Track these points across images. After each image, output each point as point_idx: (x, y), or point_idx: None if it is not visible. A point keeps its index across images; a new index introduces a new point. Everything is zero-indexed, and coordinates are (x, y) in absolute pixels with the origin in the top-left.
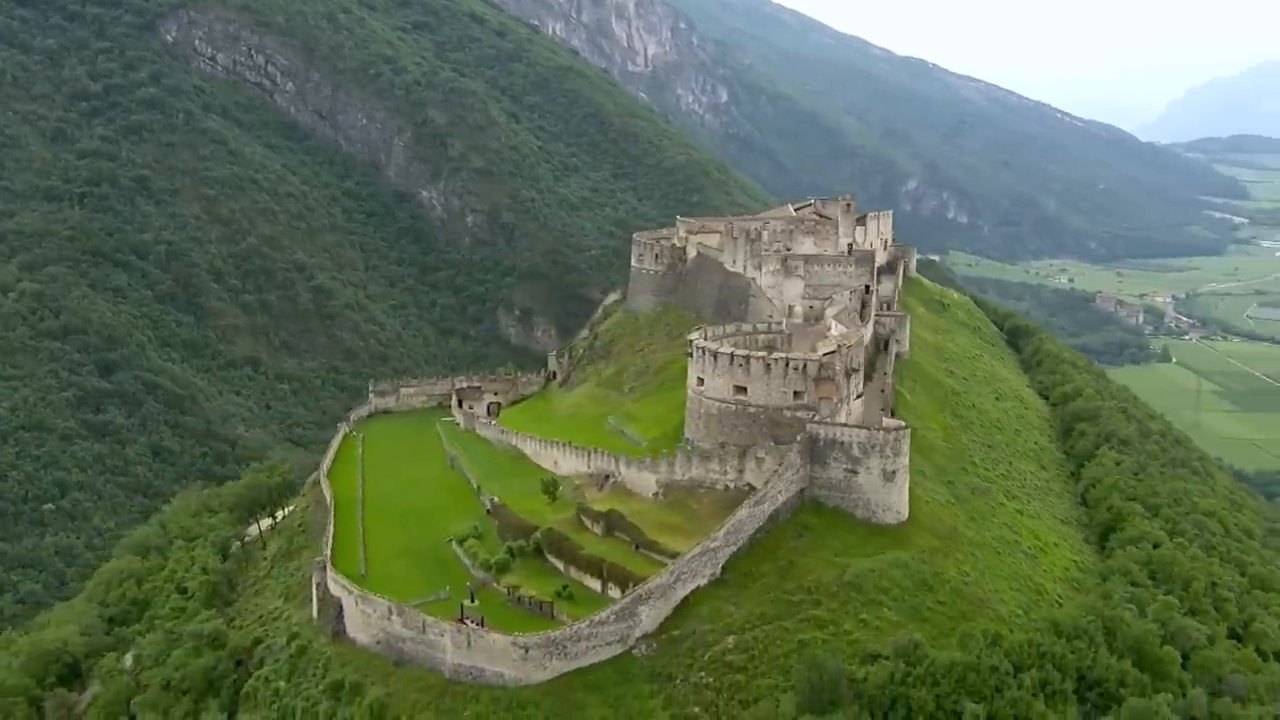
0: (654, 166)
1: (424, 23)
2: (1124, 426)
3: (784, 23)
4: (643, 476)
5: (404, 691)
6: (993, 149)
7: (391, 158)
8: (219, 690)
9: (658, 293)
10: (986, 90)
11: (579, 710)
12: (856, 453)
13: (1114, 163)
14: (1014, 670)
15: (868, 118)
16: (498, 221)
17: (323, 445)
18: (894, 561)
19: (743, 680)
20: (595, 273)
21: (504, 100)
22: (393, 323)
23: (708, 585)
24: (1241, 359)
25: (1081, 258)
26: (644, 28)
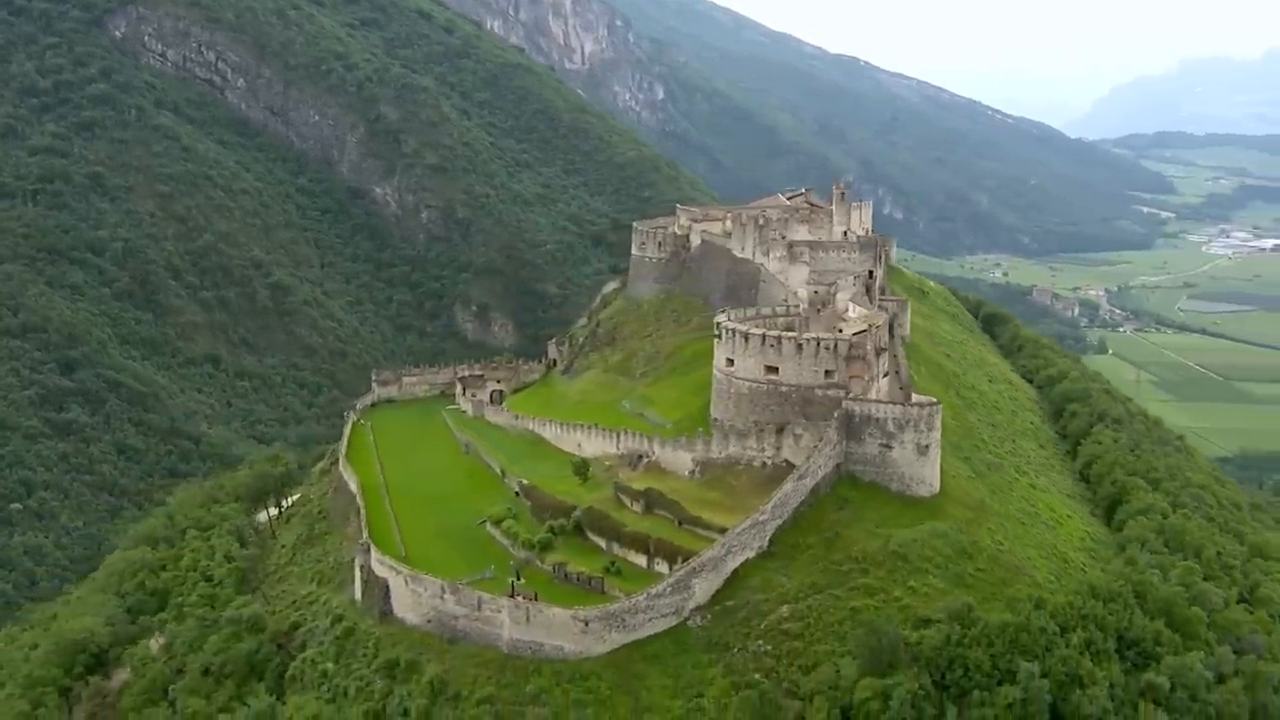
0: (605, 162)
1: (372, 19)
2: (1114, 407)
3: (717, 21)
4: (678, 455)
5: (462, 668)
6: (926, 146)
7: (344, 154)
8: (262, 674)
9: (661, 280)
10: (918, 88)
11: (640, 680)
12: (891, 428)
13: (1044, 159)
14: (1060, 631)
15: (802, 115)
16: (452, 218)
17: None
18: (934, 531)
19: (800, 647)
20: (551, 268)
21: (454, 97)
22: (350, 319)
23: (756, 558)
24: (1175, 350)
25: (1015, 253)
26: (581, 25)
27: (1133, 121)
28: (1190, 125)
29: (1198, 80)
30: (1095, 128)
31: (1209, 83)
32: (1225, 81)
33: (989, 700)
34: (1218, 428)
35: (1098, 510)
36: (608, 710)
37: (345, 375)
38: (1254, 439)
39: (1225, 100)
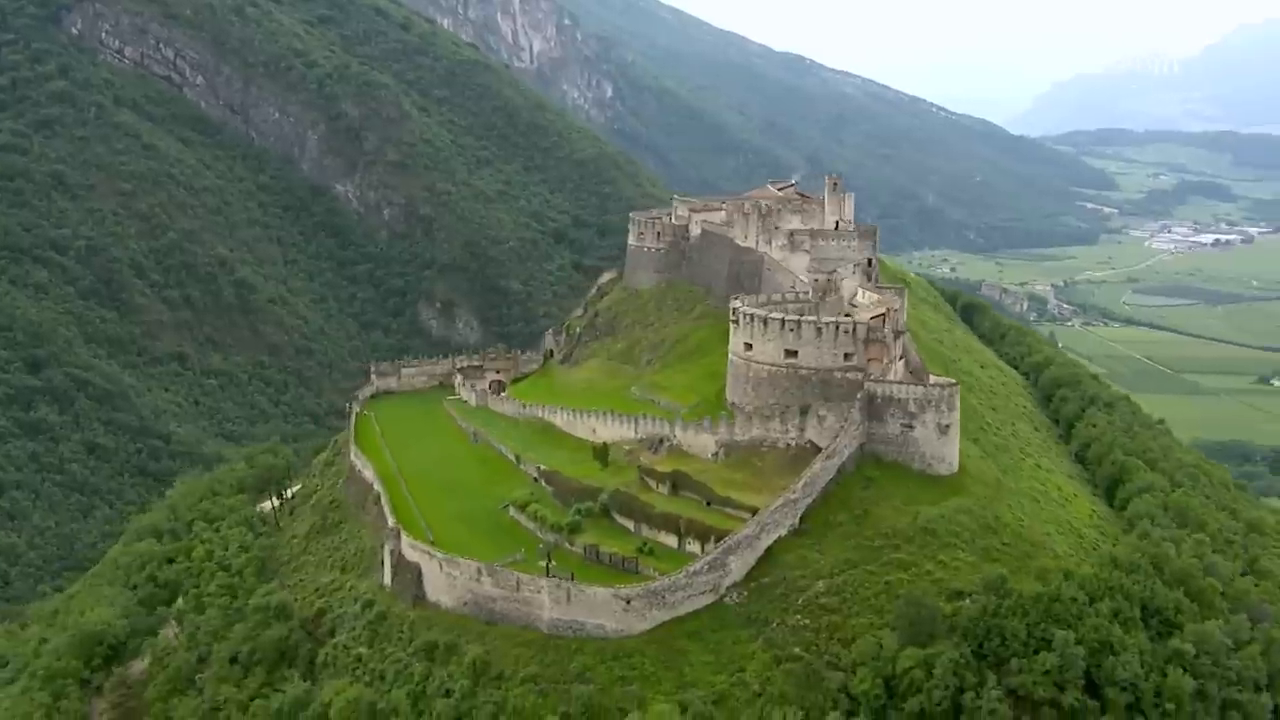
0: (564, 159)
1: (329, 16)
2: (1104, 391)
3: (663, 19)
4: (700, 438)
5: (503, 648)
6: (872, 142)
7: (305, 151)
8: (293, 660)
9: (660, 269)
10: (863, 85)
11: (682, 656)
12: (913, 408)
13: (988, 156)
14: (1089, 601)
15: (749, 112)
16: (415, 214)
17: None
18: (959, 508)
19: (838, 620)
20: (514, 265)
21: (412, 94)
22: (315, 317)
23: (788, 535)
24: (1123, 343)
25: (962, 248)
26: (529, 24)
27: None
28: (1129, 122)
29: (1136, 78)
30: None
31: (1147, 80)
32: (1163, 79)
33: (1027, 668)
34: (1169, 418)
35: (1098, 490)
36: (652, 686)
37: (312, 373)
38: (1206, 429)
39: (1163, 97)
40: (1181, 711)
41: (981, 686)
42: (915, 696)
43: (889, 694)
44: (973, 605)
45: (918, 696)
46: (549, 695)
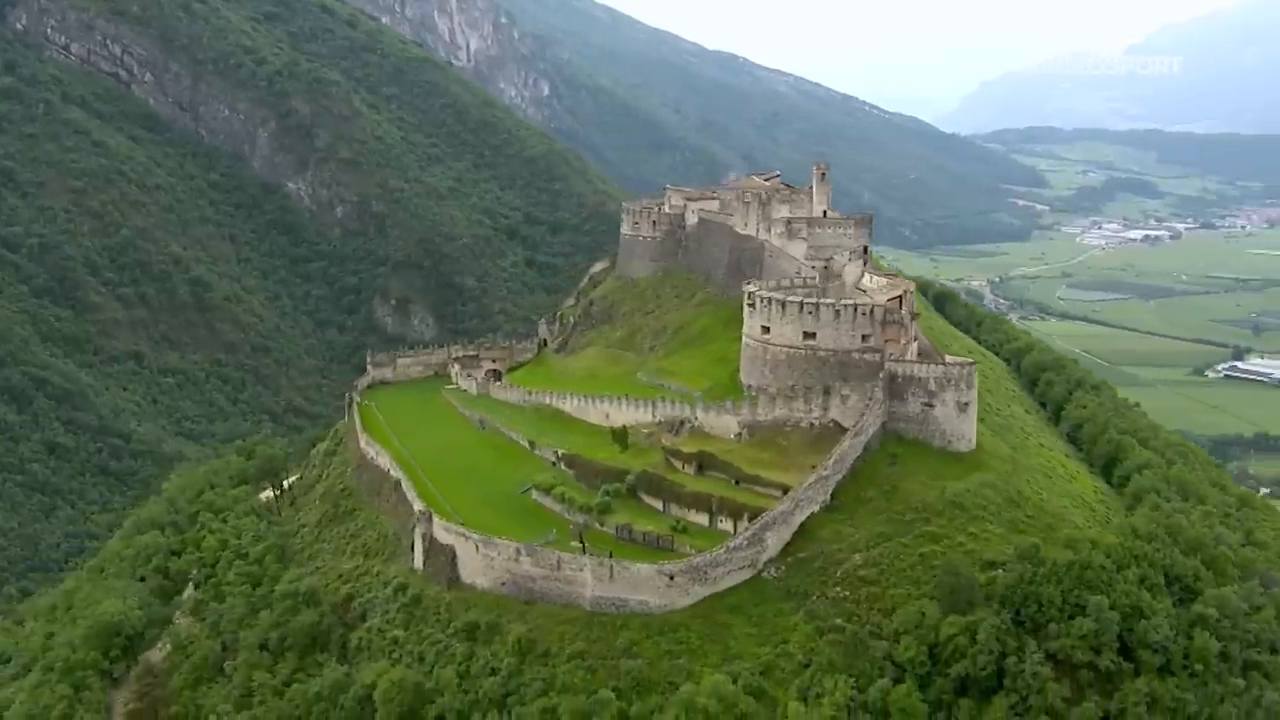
0: (514, 156)
1: (275, 13)
2: (1090, 375)
3: (596, 18)
4: (723, 419)
5: (547, 626)
6: (807, 140)
7: (256, 149)
8: (325, 645)
9: (656, 258)
10: (795, 84)
11: (726, 629)
12: (933, 387)
13: (920, 153)
14: (1116, 568)
15: (684, 111)
16: (368, 212)
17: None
18: (983, 482)
19: (877, 591)
20: (468, 261)
21: (361, 91)
22: (271, 315)
23: (821, 511)
24: (1060, 337)
25: (897, 245)
26: (466, 22)
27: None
28: (1056, 120)
29: (1062, 77)
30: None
31: (1073, 79)
32: (1088, 78)
33: (1064, 632)
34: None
35: (1094, 469)
36: (699, 659)
37: (269, 371)
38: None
39: (1088, 96)
40: (1208, 672)
41: (1022, 652)
42: (959, 663)
43: (933, 661)
44: (1009, 574)
45: (961, 662)
46: (597, 671)
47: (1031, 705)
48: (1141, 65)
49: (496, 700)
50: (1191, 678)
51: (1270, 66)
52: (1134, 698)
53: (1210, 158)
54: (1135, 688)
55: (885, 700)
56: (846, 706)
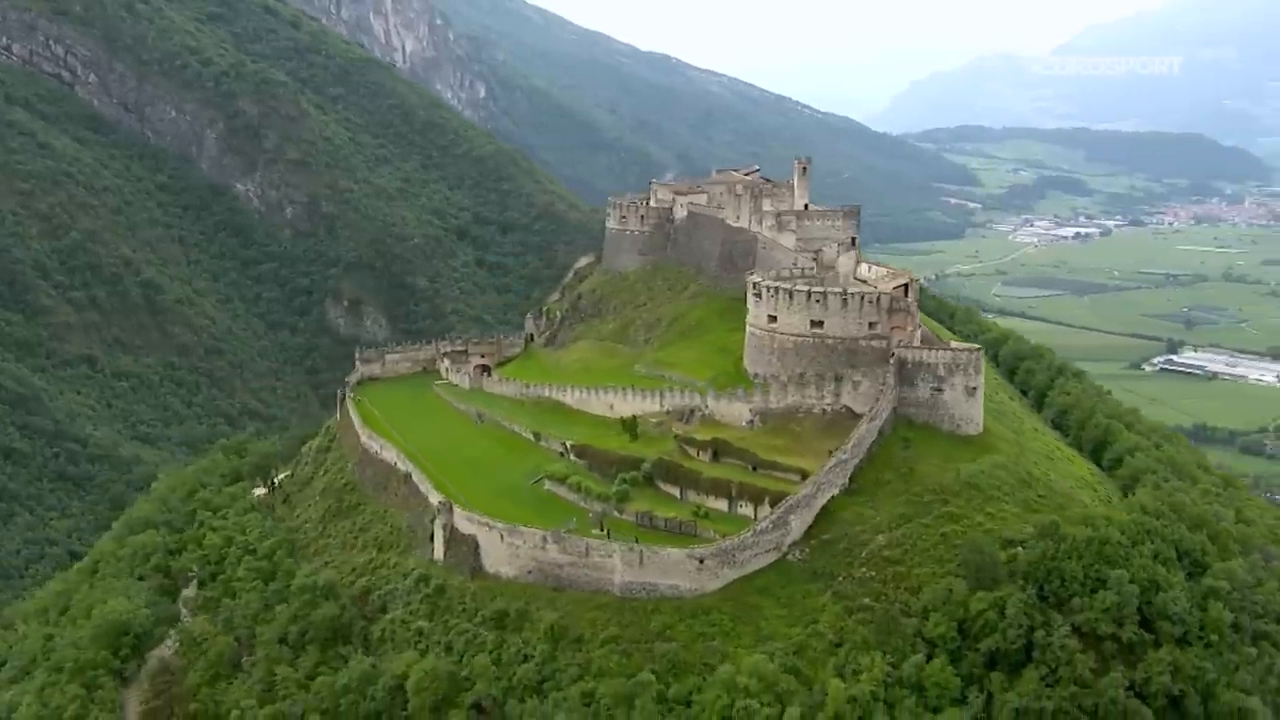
0: (462, 156)
1: (219, 14)
2: (1069, 364)
3: (529, 19)
4: (734, 407)
5: (577, 613)
6: (741, 140)
7: (204, 150)
8: (346, 637)
9: (645, 252)
10: (729, 84)
11: (756, 611)
12: (942, 372)
13: (853, 153)
14: (1131, 543)
15: (619, 111)
16: (318, 213)
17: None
18: (995, 464)
19: (903, 571)
20: (420, 261)
21: (307, 92)
22: (223, 317)
23: (840, 494)
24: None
25: None
26: (401, 24)
27: (932, 116)
28: (986, 119)
29: (990, 76)
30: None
31: (1001, 79)
32: (1014, 78)
33: (1088, 606)
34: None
35: (1083, 452)
36: (732, 641)
37: (223, 373)
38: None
39: (1016, 95)
40: (1223, 642)
41: (1049, 625)
42: (989, 637)
43: (963, 636)
44: (1031, 550)
45: (991, 637)
46: (632, 655)
47: (1061, 676)
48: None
49: (532, 686)
50: (1207, 648)
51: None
52: (1158, 667)
53: (1137, 156)
54: (1159, 657)
55: (920, 675)
56: (884, 682)
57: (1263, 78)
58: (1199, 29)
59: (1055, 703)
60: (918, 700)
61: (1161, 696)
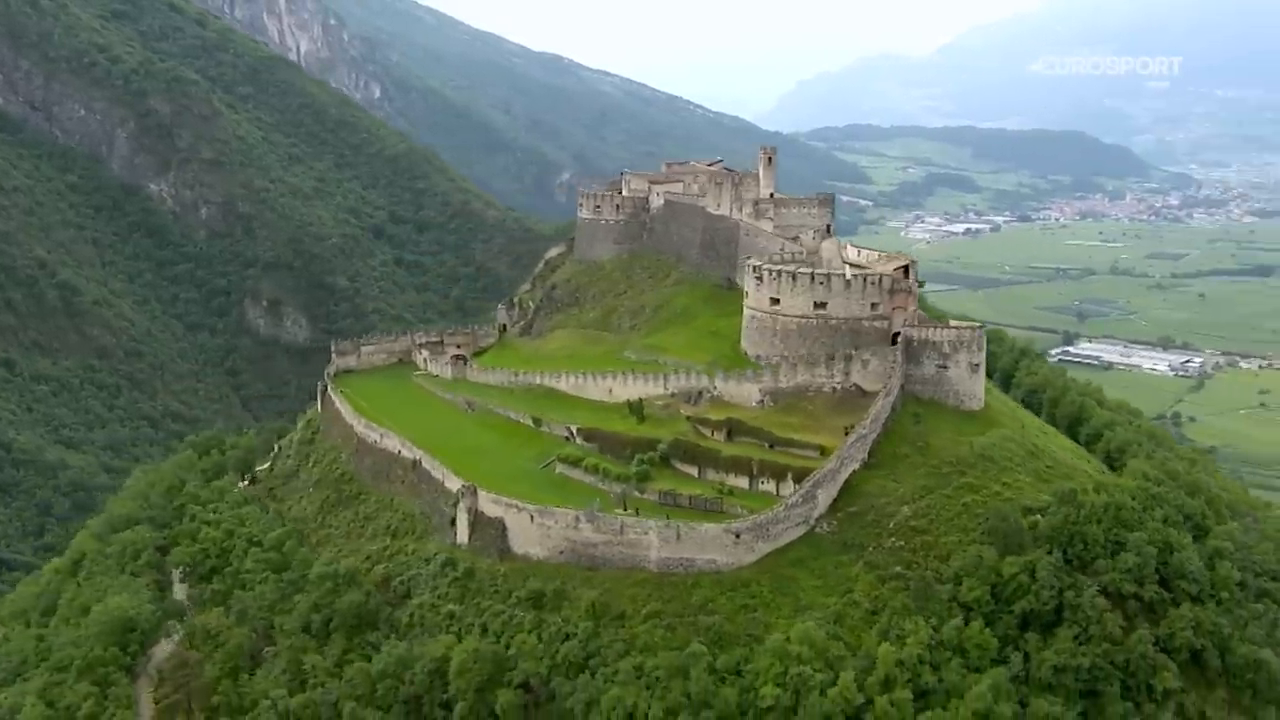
0: (375, 155)
1: (123, 11)
2: (1029, 344)
3: (421, 20)
4: (743, 388)
5: (616, 590)
6: (636, 140)
7: (114, 150)
8: (373, 624)
9: (620, 241)
10: (621, 84)
11: (792, 582)
12: (947, 350)
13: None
14: (1142, 508)
15: (514, 112)
16: (233, 212)
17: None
18: (1005, 437)
19: (930, 540)
20: (339, 260)
21: (217, 91)
22: (141, 318)
23: (861, 468)
24: None
25: None
26: (296, 24)
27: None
28: (873, 118)
29: (875, 76)
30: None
31: (885, 78)
32: (900, 77)
33: (1111, 567)
34: None
35: (1058, 428)
36: (772, 612)
37: (144, 375)
38: None
39: (902, 94)
40: (1232, 599)
41: (1075, 587)
42: (1021, 600)
43: (995, 600)
44: (1053, 516)
45: (1024, 599)
46: (676, 629)
47: (1093, 635)
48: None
49: (578, 664)
50: (1219, 605)
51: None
52: (1180, 624)
53: (1022, 153)
54: (1180, 614)
55: (961, 637)
56: (928, 645)
57: (1138, 78)
58: (1077, 30)
59: (1090, 659)
60: (961, 661)
61: (1185, 651)
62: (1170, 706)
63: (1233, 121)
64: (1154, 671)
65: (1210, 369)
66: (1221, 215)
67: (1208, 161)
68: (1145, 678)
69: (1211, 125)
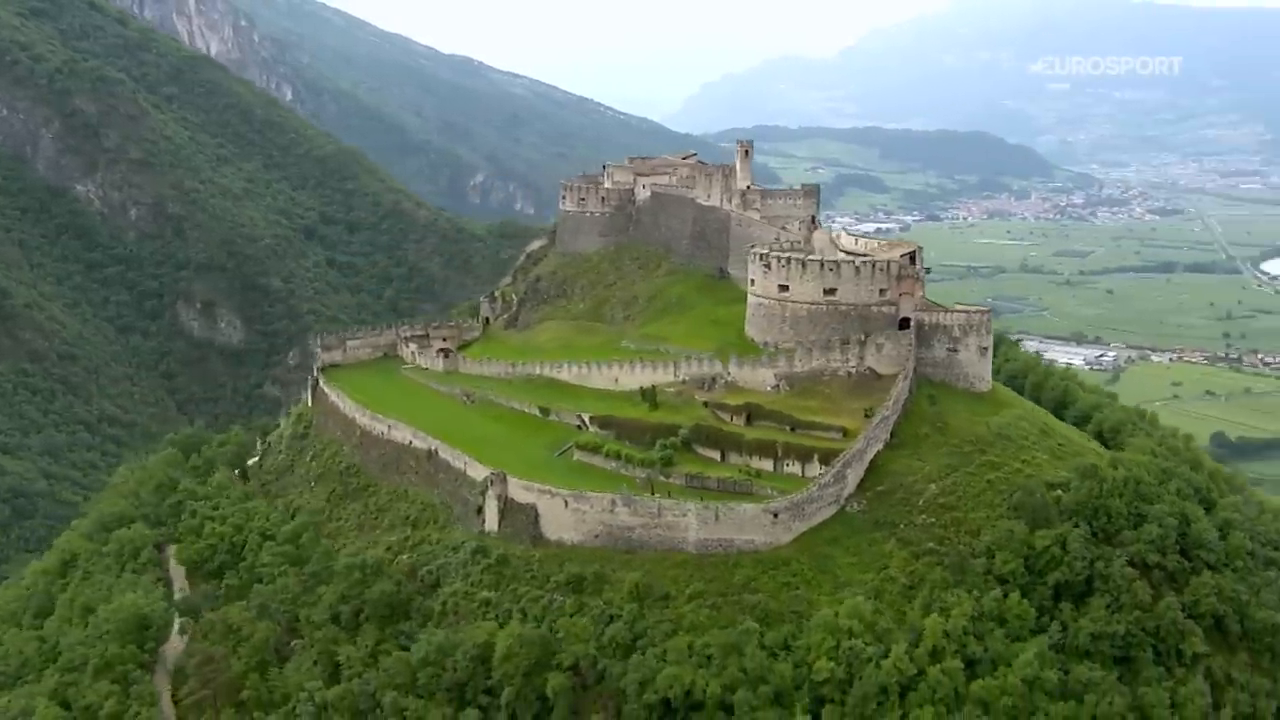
0: (304, 156)
1: (42, 9)
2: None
3: (330, 21)
4: (758, 373)
5: (657, 571)
6: (547, 141)
7: (39, 150)
8: (405, 612)
9: (606, 233)
10: (531, 86)
11: (830, 560)
12: (957, 333)
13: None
14: (1158, 482)
15: (426, 114)
16: (163, 214)
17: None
18: (1018, 416)
19: (960, 516)
20: (273, 262)
21: (141, 90)
22: (72, 321)
23: (885, 449)
24: None
25: None
26: (206, 25)
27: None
28: (777, 120)
29: (779, 78)
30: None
31: (789, 80)
32: (803, 79)
33: (1136, 538)
34: None
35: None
36: (814, 589)
37: (78, 379)
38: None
39: (806, 96)
40: (1245, 567)
41: (1105, 558)
42: (1054, 571)
43: (1029, 572)
44: (1077, 490)
45: (1057, 571)
46: (721, 608)
47: (1124, 603)
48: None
49: (625, 644)
50: (1234, 573)
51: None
52: (1204, 590)
53: (928, 154)
54: (1203, 582)
55: (1001, 608)
56: (972, 616)
57: (1039, 79)
58: (977, 33)
59: (1124, 626)
60: (1003, 631)
61: (1209, 617)
62: (1199, 670)
63: (1131, 123)
64: (1182, 637)
65: (1124, 363)
66: (1124, 214)
67: (1108, 162)
68: (1174, 643)
69: (1111, 126)
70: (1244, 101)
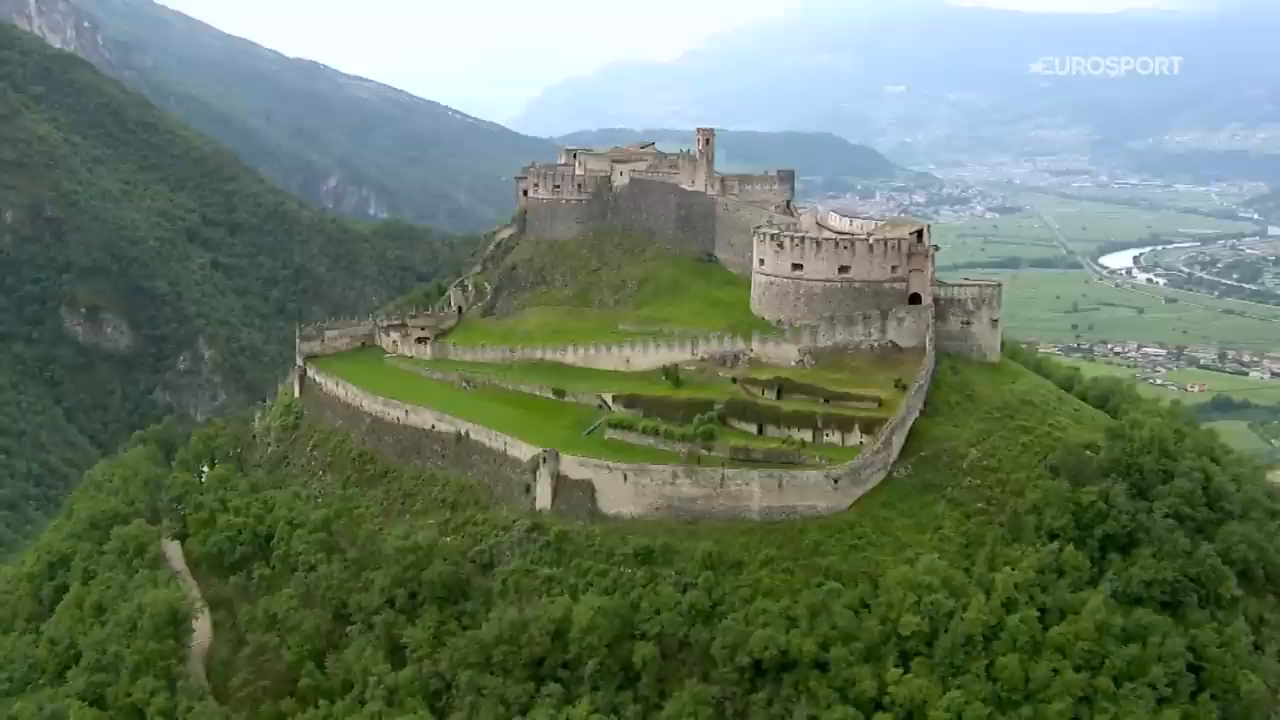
0: (181, 157)
1: None
2: None
3: (172, 24)
4: (781, 349)
5: (726, 540)
6: (399, 145)
7: None
8: (465, 593)
9: (583, 220)
10: (379, 90)
11: (888, 523)
12: (971, 306)
13: (505, 155)
14: (1176, 440)
15: (275, 119)
16: (41, 216)
17: None
18: (1037, 384)
19: (1003, 477)
20: (158, 264)
21: (7, 89)
22: None
23: (920, 417)
24: None
25: None
26: (48, 25)
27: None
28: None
29: (622, 81)
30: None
31: (631, 83)
32: (645, 83)
33: (1170, 492)
34: None
35: None
36: (879, 550)
37: None
38: None
39: (649, 99)
40: (1259, 518)
41: (1146, 511)
42: (1101, 525)
43: (1078, 526)
44: (1111, 449)
45: (1103, 524)
46: (794, 572)
47: (1167, 552)
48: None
49: (704, 611)
50: (1254, 522)
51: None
52: (1234, 538)
53: (774, 155)
54: (1230, 530)
55: (1060, 561)
56: (1036, 569)
57: (877, 82)
58: (816, 37)
59: (1171, 573)
60: (1065, 582)
61: (1240, 564)
62: (1238, 612)
63: (965, 124)
64: (1220, 581)
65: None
66: (965, 212)
67: (945, 162)
68: (1213, 587)
69: (946, 127)
70: (1070, 104)
